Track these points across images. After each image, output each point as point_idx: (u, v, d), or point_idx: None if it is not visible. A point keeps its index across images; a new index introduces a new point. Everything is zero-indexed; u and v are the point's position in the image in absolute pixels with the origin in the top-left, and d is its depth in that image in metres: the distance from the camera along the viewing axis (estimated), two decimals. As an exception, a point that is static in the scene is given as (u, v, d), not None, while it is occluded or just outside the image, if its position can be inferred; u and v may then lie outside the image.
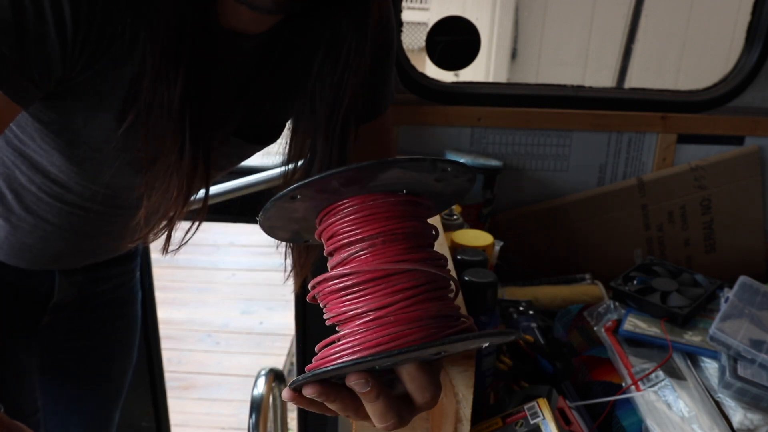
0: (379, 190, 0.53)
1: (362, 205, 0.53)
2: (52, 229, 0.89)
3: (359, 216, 0.53)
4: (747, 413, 0.95)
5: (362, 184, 0.53)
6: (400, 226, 0.53)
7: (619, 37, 2.19)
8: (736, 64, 1.50)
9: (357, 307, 0.52)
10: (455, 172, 0.53)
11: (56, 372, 1.11)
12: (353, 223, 0.53)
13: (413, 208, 0.54)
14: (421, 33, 4.65)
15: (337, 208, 0.54)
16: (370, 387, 0.51)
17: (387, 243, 0.52)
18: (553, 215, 1.50)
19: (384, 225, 0.53)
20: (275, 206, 0.55)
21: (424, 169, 0.52)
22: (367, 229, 0.53)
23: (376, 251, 0.52)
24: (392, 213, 0.53)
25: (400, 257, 0.52)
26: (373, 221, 0.53)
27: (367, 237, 0.53)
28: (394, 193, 0.54)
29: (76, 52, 0.63)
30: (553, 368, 1.03)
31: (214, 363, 3.15)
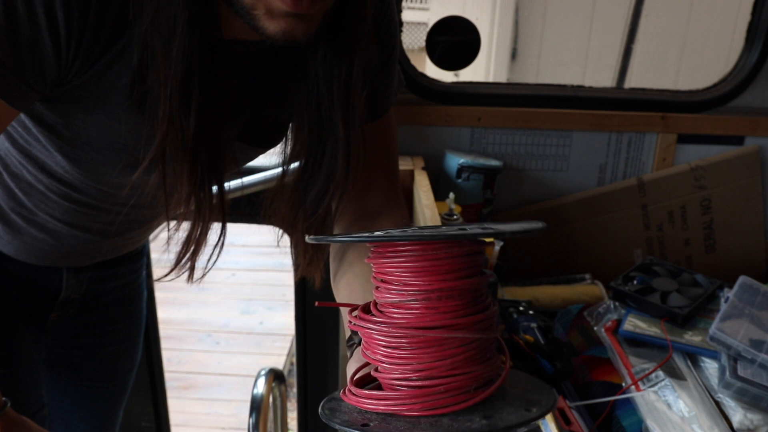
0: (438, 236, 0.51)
1: (423, 254, 0.51)
2: (61, 227, 0.89)
3: (417, 264, 0.51)
4: (747, 413, 0.95)
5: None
6: (457, 283, 0.51)
7: (619, 37, 2.20)
8: (736, 64, 1.50)
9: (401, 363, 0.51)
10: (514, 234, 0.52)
11: (62, 368, 1.12)
12: (412, 270, 0.51)
13: (473, 258, 0.52)
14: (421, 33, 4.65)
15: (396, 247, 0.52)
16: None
17: (443, 299, 0.50)
18: (553, 215, 1.50)
19: (442, 279, 0.50)
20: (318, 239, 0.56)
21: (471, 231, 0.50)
22: (420, 282, 0.51)
23: (431, 305, 0.50)
24: (452, 266, 0.51)
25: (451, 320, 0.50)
26: (432, 273, 0.51)
27: (423, 290, 0.51)
28: (458, 243, 0.51)
29: (70, 57, 0.63)
30: (553, 368, 1.03)
31: (214, 363, 3.15)
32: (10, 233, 0.91)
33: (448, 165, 1.45)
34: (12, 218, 0.89)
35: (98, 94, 0.68)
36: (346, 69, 0.72)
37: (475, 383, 0.51)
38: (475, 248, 0.52)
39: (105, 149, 0.73)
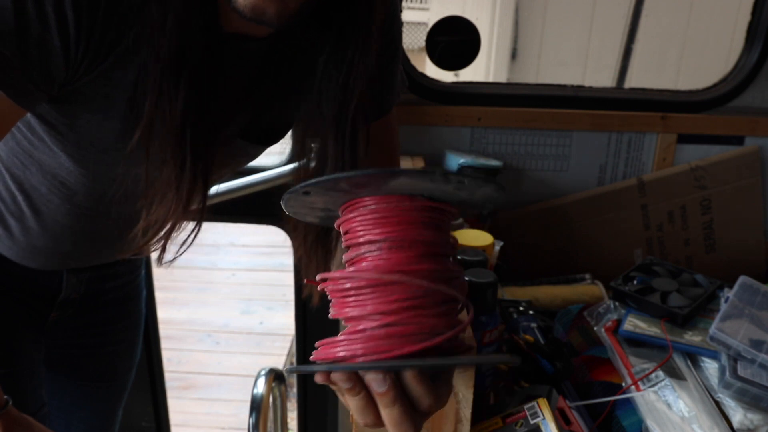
0: (399, 192, 0.53)
1: (377, 206, 0.53)
2: (62, 230, 0.89)
3: (372, 217, 0.53)
4: (747, 413, 0.95)
5: (374, 188, 0.52)
6: (408, 233, 0.52)
7: (619, 37, 2.20)
8: (736, 64, 1.50)
9: (354, 311, 0.52)
10: (476, 183, 0.52)
11: (62, 368, 1.12)
12: (366, 223, 0.53)
13: (429, 214, 0.53)
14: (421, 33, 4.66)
15: (354, 204, 0.54)
16: (387, 388, 0.51)
17: (393, 249, 0.52)
18: (553, 215, 1.50)
19: (393, 230, 0.52)
20: (292, 198, 0.56)
21: (437, 180, 0.51)
22: (376, 232, 0.53)
23: (381, 257, 0.52)
24: (403, 218, 0.52)
25: (405, 266, 0.51)
26: (384, 224, 0.53)
27: (375, 240, 0.53)
28: (412, 198, 0.53)
29: (78, 56, 0.63)
30: (553, 368, 1.03)
31: (214, 363, 3.15)
32: (10, 237, 0.91)
33: (448, 165, 1.45)
34: (12, 223, 0.89)
35: (105, 93, 0.68)
36: (351, 68, 0.72)
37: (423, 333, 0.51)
38: (430, 204, 0.53)
39: (110, 149, 0.73)
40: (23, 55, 0.61)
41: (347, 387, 0.52)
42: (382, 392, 0.51)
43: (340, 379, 0.52)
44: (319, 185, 0.52)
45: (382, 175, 0.50)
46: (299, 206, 0.59)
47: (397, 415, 0.52)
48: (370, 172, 0.50)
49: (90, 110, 0.70)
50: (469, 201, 0.57)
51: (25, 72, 0.62)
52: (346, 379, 0.52)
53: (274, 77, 0.78)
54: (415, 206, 0.53)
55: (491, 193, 0.55)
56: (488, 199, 0.57)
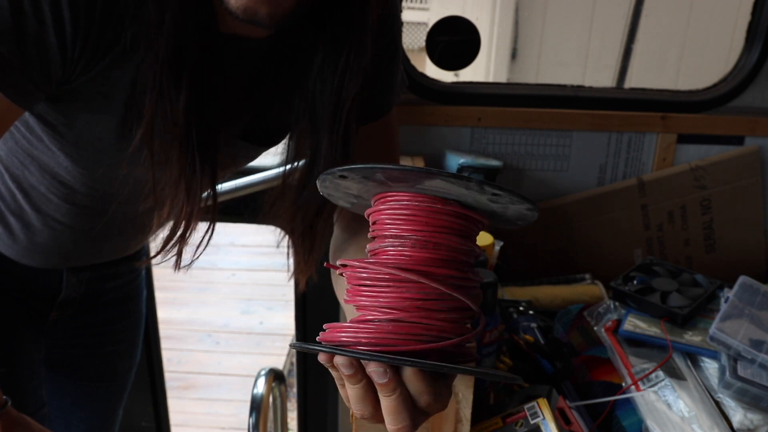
0: (432, 193, 0.53)
1: (409, 203, 0.54)
2: (62, 229, 0.89)
3: (402, 213, 0.54)
4: (747, 413, 0.95)
5: (409, 184, 0.53)
6: (434, 235, 0.52)
7: (619, 37, 2.19)
8: (736, 64, 1.50)
9: (367, 300, 0.53)
10: (511, 199, 0.53)
11: (62, 367, 1.12)
12: (395, 217, 0.54)
13: (459, 221, 0.54)
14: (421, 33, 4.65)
15: (387, 197, 0.55)
16: (388, 379, 0.51)
17: (416, 248, 0.52)
18: (553, 215, 1.50)
19: (420, 229, 0.53)
20: (328, 179, 0.56)
21: (472, 189, 0.51)
22: (403, 228, 0.53)
23: (404, 253, 0.53)
24: (432, 220, 0.53)
25: (423, 266, 0.52)
26: (413, 222, 0.53)
27: (400, 236, 0.53)
28: (444, 201, 0.53)
29: (75, 55, 0.63)
30: (553, 368, 1.03)
31: (214, 363, 3.15)
32: (10, 236, 0.91)
33: (449, 165, 1.45)
34: (12, 221, 0.89)
35: (103, 92, 0.68)
36: (345, 69, 0.72)
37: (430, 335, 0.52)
38: (461, 211, 0.54)
39: (109, 149, 0.73)
40: (21, 54, 0.61)
41: (348, 373, 0.52)
42: (383, 383, 0.52)
43: (342, 364, 0.52)
44: (355, 171, 0.53)
45: (418, 174, 0.51)
46: (333, 189, 0.59)
47: (396, 405, 0.52)
48: (408, 169, 0.51)
49: (88, 110, 0.70)
50: (501, 215, 0.57)
51: (24, 71, 0.62)
52: (348, 364, 0.52)
53: (274, 78, 0.78)
54: (447, 210, 0.53)
55: (524, 211, 0.55)
56: (521, 216, 0.57)
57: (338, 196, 0.61)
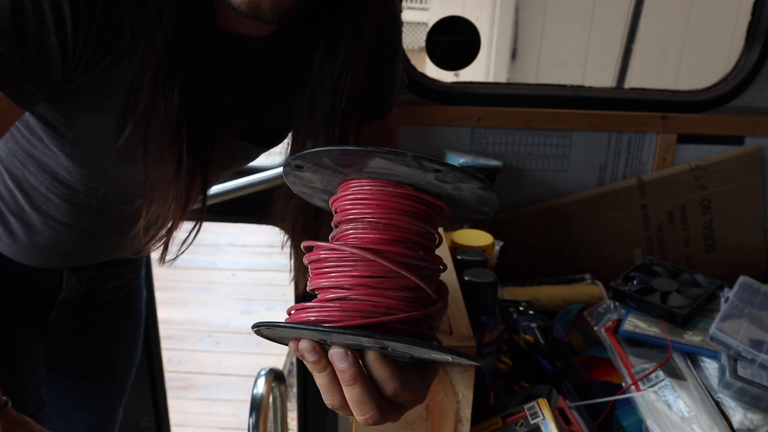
0: (386, 177, 0.55)
1: (365, 188, 0.55)
2: (62, 229, 0.89)
3: (358, 197, 0.55)
4: (747, 413, 0.95)
5: (356, 168, 0.54)
6: (385, 216, 0.54)
7: (619, 37, 2.20)
8: (736, 64, 1.50)
9: (323, 281, 0.54)
10: (456, 176, 0.53)
11: (62, 368, 1.12)
12: (351, 202, 0.56)
13: (413, 203, 0.55)
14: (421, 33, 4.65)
15: (348, 185, 0.57)
16: (348, 365, 0.51)
17: (368, 229, 0.54)
18: (553, 215, 1.50)
19: (373, 211, 0.54)
20: (289, 174, 0.58)
21: (412, 165, 0.52)
22: (357, 212, 0.55)
23: (357, 235, 0.54)
24: (385, 202, 0.54)
25: (373, 245, 0.53)
26: (367, 206, 0.55)
27: (355, 219, 0.55)
28: (393, 184, 0.55)
29: (76, 55, 0.63)
30: (553, 368, 1.03)
31: (214, 363, 3.15)
32: (10, 236, 0.91)
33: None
34: (12, 221, 0.89)
35: (103, 92, 0.68)
36: (343, 67, 0.72)
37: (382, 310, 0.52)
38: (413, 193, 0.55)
39: (108, 149, 0.73)
40: (21, 54, 0.60)
41: (312, 360, 0.53)
42: (343, 369, 0.52)
43: (305, 349, 0.53)
44: (305, 158, 0.55)
45: (359, 153, 0.52)
46: (300, 184, 0.61)
47: (358, 395, 0.52)
48: (348, 150, 0.52)
49: (88, 110, 0.70)
50: (461, 199, 0.57)
51: (24, 71, 0.62)
52: (311, 350, 0.52)
53: (274, 77, 0.78)
54: (397, 193, 0.55)
55: (479, 192, 0.55)
56: (480, 199, 0.57)
57: (309, 193, 0.63)
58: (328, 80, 0.73)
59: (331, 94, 0.73)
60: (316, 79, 0.74)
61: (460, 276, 0.91)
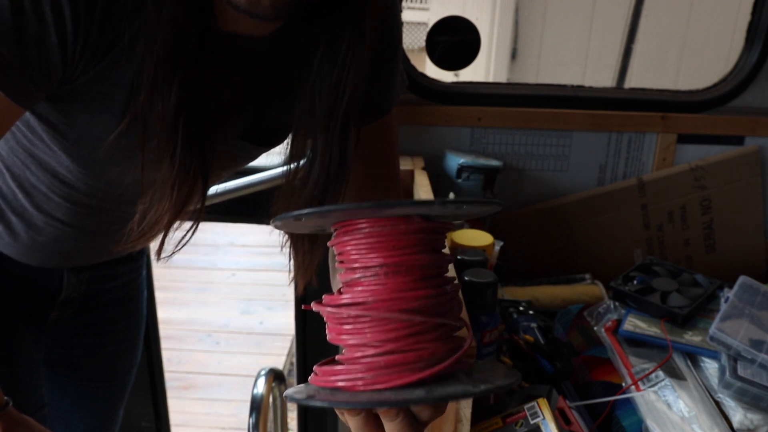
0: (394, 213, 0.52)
1: (372, 230, 0.52)
2: (63, 228, 0.89)
3: (367, 242, 0.52)
4: (747, 413, 0.95)
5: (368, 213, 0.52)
6: (404, 258, 0.52)
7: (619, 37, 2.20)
8: (736, 64, 1.50)
9: (353, 338, 0.52)
10: (474, 207, 0.53)
11: (62, 368, 1.12)
12: (361, 247, 0.53)
13: (424, 236, 0.53)
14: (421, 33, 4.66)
15: (348, 226, 0.54)
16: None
17: (389, 275, 0.51)
18: (553, 215, 1.50)
19: (389, 254, 0.52)
20: (284, 224, 0.56)
21: (434, 210, 0.51)
22: (372, 257, 0.52)
23: (378, 282, 0.51)
24: (399, 243, 0.52)
25: (400, 293, 0.51)
26: (380, 249, 0.52)
27: (371, 266, 0.52)
28: (407, 220, 0.52)
29: (76, 55, 0.63)
30: (553, 368, 1.03)
31: (214, 363, 3.15)
32: (11, 235, 0.91)
33: (448, 165, 1.45)
34: (13, 220, 0.89)
35: (103, 92, 0.68)
36: (343, 65, 0.72)
37: (423, 361, 0.51)
38: (426, 226, 0.53)
39: (109, 149, 0.73)
40: (21, 54, 0.60)
41: (347, 409, 0.53)
42: (387, 410, 0.52)
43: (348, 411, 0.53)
44: (312, 215, 0.52)
45: (378, 209, 0.50)
46: (290, 227, 0.59)
47: (401, 428, 0.53)
48: (365, 206, 0.50)
49: (89, 110, 0.70)
50: (466, 216, 0.57)
51: (24, 71, 0.62)
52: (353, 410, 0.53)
53: (274, 77, 0.78)
54: (412, 229, 0.52)
55: (489, 210, 0.56)
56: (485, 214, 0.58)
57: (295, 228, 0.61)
58: (328, 80, 0.73)
59: (331, 94, 0.73)
60: (316, 78, 0.73)
61: (460, 276, 0.91)
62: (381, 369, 0.51)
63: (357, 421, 0.54)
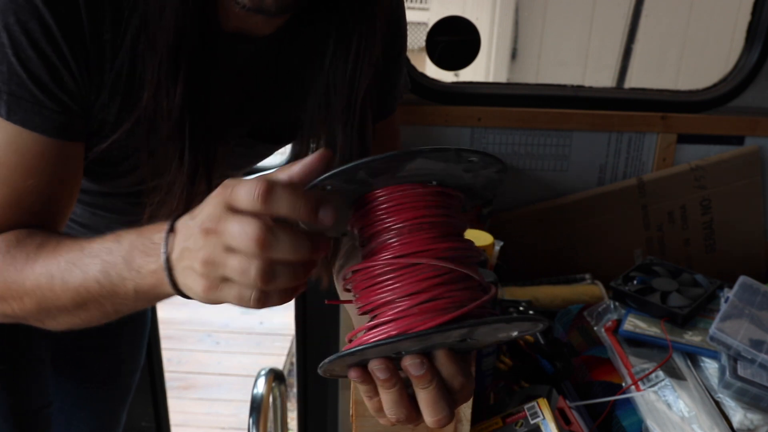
0: (409, 180, 0.54)
1: (390, 195, 0.55)
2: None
3: (387, 207, 0.55)
4: (747, 413, 0.95)
5: (390, 174, 0.53)
6: (426, 216, 0.54)
7: (619, 37, 2.20)
8: (736, 64, 1.50)
9: (385, 296, 0.53)
10: (483, 162, 0.54)
11: (66, 369, 1.12)
12: (382, 213, 0.55)
13: (441, 198, 0.55)
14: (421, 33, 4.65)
15: (367, 199, 0.56)
16: (425, 370, 0.52)
17: (414, 232, 0.53)
18: (553, 215, 1.50)
19: (411, 215, 0.54)
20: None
21: (450, 159, 0.52)
22: (394, 219, 0.54)
23: (403, 240, 0.53)
24: (419, 203, 0.54)
25: (426, 246, 0.53)
26: (400, 211, 0.54)
27: (394, 227, 0.54)
28: (423, 184, 0.55)
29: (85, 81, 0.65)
30: (553, 368, 1.03)
31: (214, 363, 3.15)
32: None
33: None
34: None
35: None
36: (357, 57, 0.72)
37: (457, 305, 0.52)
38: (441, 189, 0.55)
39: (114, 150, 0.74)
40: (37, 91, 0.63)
41: (384, 377, 0.52)
42: (421, 375, 0.52)
43: (378, 369, 0.52)
44: (338, 176, 0.52)
45: (401, 157, 0.51)
46: None
47: (435, 395, 0.52)
48: (391, 156, 0.51)
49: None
50: (472, 186, 0.58)
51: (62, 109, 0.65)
52: (383, 368, 0.52)
53: (278, 75, 0.78)
54: (428, 191, 0.55)
55: (493, 175, 0.56)
56: (490, 183, 0.58)
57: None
58: (343, 74, 0.73)
59: (347, 87, 0.73)
60: (330, 73, 0.73)
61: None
62: (415, 316, 0.51)
63: (391, 394, 0.53)
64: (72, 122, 0.66)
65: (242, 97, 0.77)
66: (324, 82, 0.74)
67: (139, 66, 0.66)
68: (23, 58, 0.61)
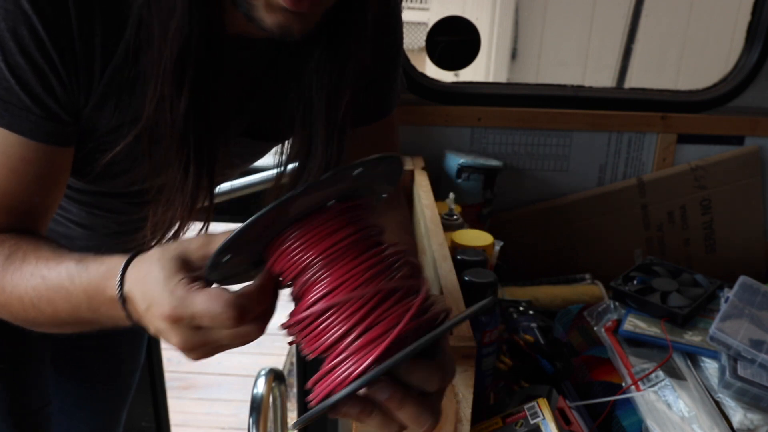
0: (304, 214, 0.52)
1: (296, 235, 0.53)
2: (75, 228, 0.89)
3: (294, 248, 0.53)
4: (747, 413, 0.95)
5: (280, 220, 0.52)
6: (335, 245, 0.52)
7: (619, 37, 2.20)
8: (736, 64, 1.50)
9: (325, 339, 0.52)
10: (368, 169, 0.53)
11: (66, 369, 1.12)
12: (291, 256, 0.53)
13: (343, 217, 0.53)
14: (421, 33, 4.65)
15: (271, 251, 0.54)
16: (390, 393, 0.51)
17: (329, 264, 0.52)
18: (553, 215, 1.50)
19: (319, 248, 0.52)
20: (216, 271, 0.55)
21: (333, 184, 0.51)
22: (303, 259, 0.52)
23: (323, 276, 0.52)
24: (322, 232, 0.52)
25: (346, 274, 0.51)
26: (308, 248, 0.52)
27: (309, 267, 0.52)
28: (318, 212, 0.53)
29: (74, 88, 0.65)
30: (553, 368, 1.03)
31: (214, 363, 3.15)
32: None
33: (448, 165, 1.45)
34: None
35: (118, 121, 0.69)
36: (337, 71, 0.72)
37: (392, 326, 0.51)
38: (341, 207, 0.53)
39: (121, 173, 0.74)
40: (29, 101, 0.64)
41: (358, 411, 0.52)
42: (388, 398, 0.51)
43: (348, 410, 0.52)
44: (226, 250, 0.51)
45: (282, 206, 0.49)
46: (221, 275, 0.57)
47: (412, 412, 0.52)
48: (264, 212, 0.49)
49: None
50: (371, 184, 0.57)
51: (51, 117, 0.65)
52: (353, 406, 0.52)
53: (277, 74, 0.78)
54: (327, 217, 0.53)
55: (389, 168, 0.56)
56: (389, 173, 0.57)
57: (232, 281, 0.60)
58: (325, 80, 0.73)
59: (328, 94, 0.73)
60: (314, 75, 0.73)
61: (460, 276, 0.91)
62: (360, 351, 0.50)
63: (375, 419, 0.53)
64: (59, 128, 0.66)
65: (241, 97, 0.77)
66: (307, 84, 0.74)
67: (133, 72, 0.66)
68: (12, 64, 0.61)
